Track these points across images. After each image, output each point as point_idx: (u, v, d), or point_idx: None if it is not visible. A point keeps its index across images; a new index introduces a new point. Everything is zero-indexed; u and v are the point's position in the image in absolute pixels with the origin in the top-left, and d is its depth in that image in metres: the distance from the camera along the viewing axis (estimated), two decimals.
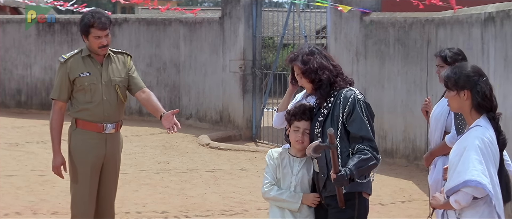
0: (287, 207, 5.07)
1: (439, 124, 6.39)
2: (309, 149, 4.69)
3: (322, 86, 4.91)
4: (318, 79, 4.90)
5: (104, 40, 6.20)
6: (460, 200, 4.26)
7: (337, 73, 4.95)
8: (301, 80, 5.01)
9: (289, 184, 5.10)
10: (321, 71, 4.90)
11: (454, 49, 6.59)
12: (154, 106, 6.36)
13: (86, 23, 6.18)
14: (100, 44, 6.21)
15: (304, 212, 5.07)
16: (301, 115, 5.05)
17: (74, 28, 17.58)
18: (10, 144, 13.35)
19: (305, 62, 4.93)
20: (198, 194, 9.90)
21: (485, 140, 4.26)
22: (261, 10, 15.37)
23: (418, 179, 10.83)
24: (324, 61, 4.95)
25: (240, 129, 15.18)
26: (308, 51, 4.98)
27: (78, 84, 6.25)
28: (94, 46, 6.23)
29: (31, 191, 9.72)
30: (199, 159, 12.52)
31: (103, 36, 6.18)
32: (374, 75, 12.39)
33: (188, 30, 16.37)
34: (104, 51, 6.28)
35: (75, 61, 6.30)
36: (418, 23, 11.67)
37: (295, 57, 5.00)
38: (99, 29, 6.16)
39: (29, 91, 18.24)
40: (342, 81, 4.94)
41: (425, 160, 6.57)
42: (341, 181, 4.56)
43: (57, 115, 6.32)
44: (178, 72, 16.53)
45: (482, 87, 4.35)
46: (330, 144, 4.50)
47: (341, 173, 4.54)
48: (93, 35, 6.17)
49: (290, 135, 5.11)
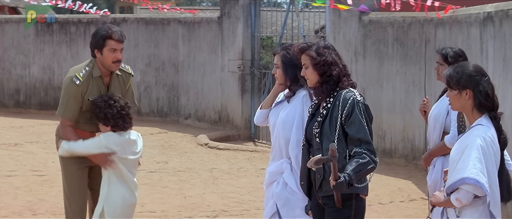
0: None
1: (437, 124, 6.39)
2: (311, 162, 4.70)
3: (329, 82, 4.93)
4: (328, 74, 4.92)
5: (119, 54, 6.10)
6: (461, 198, 4.26)
7: (344, 74, 4.98)
8: (306, 71, 5.00)
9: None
10: (333, 67, 4.93)
11: (456, 49, 6.59)
12: None
13: (102, 35, 6.08)
14: (115, 59, 6.09)
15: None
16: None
17: (73, 28, 17.58)
18: (9, 144, 13.34)
19: (321, 54, 4.95)
20: (197, 193, 9.90)
21: (486, 139, 4.27)
22: (260, 10, 15.38)
23: (416, 179, 10.84)
24: (336, 58, 4.99)
25: (238, 128, 15.18)
26: (324, 45, 5.02)
27: (83, 106, 6.19)
28: (108, 61, 6.10)
29: (30, 191, 9.72)
30: (197, 158, 12.52)
31: (118, 50, 6.09)
32: (373, 75, 12.39)
33: (187, 30, 16.36)
34: (117, 67, 6.17)
35: (88, 83, 6.16)
36: (417, 23, 11.67)
37: (308, 47, 5.01)
38: (116, 40, 6.07)
39: (27, 91, 18.22)
40: (347, 82, 4.96)
41: (424, 160, 6.56)
42: (340, 187, 4.58)
43: (70, 133, 6.22)
44: (177, 72, 16.53)
45: (484, 87, 4.36)
46: (332, 157, 4.52)
47: (340, 180, 4.56)
48: (109, 48, 6.05)
49: None
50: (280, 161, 5.62)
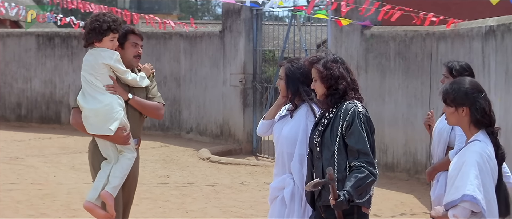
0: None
1: (442, 139, 6.37)
2: (309, 185, 4.72)
3: (335, 95, 4.96)
4: (335, 87, 4.96)
5: (140, 49, 6.24)
6: (458, 214, 4.24)
7: (352, 88, 5.03)
8: (315, 84, 5.05)
9: None
10: (340, 80, 4.97)
11: (463, 63, 6.57)
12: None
13: (125, 30, 6.18)
14: (136, 53, 6.20)
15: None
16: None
17: (75, 42, 17.59)
18: (10, 158, 13.32)
19: (328, 68, 4.98)
20: (199, 208, 9.87)
21: (483, 155, 4.25)
22: (262, 23, 15.38)
23: (419, 193, 10.81)
24: (344, 72, 5.02)
25: (240, 142, 15.16)
26: (333, 58, 5.06)
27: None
28: (129, 55, 6.18)
29: (31, 205, 9.70)
30: (199, 173, 12.49)
31: (139, 44, 6.23)
32: (375, 89, 12.38)
33: (189, 44, 16.37)
34: (138, 61, 6.27)
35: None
36: (419, 36, 11.67)
37: (317, 60, 5.04)
38: (137, 35, 6.23)
39: (29, 105, 18.23)
40: (353, 96, 4.99)
41: (428, 175, 6.54)
42: (341, 206, 4.59)
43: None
44: (179, 86, 16.53)
45: (481, 104, 4.33)
46: (329, 180, 4.52)
47: (340, 199, 4.56)
48: (131, 42, 6.18)
49: None
50: (283, 177, 5.59)
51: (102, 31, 5.99)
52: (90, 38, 6.05)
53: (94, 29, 6.00)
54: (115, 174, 6.01)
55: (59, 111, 17.83)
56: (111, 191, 5.95)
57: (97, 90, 6.00)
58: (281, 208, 5.56)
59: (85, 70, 6.06)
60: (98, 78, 6.01)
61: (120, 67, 6.06)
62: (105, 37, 6.01)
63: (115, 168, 6.02)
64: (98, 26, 5.99)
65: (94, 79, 6.02)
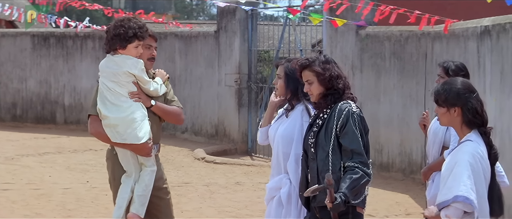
0: None
1: (437, 139, 6.38)
2: (308, 192, 4.72)
3: (334, 95, 4.97)
4: (335, 87, 4.96)
5: (154, 51, 5.97)
6: (451, 215, 4.24)
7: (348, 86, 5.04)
8: (311, 87, 5.02)
9: None
10: (339, 80, 4.98)
11: (458, 63, 6.57)
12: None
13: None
14: (150, 55, 5.92)
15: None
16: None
17: (70, 42, 17.58)
18: (6, 158, 13.30)
19: (325, 69, 4.98)
20: (194, 208, 9.86)
21: (475, 155, 4.25)
22: (257, 24, 15.39)
23: (414, 193, 10.81)
24: (339, 71, 5.03)
25: (235, 142, 15.16)
26: (326, 59, 5.04)
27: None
28: (143, 58, 5.85)
29: (27, 205, 9.68)
30: (194, 173, 12.49)
31: (153, 46, 5.96)
32: (370, 89, 12.39)
33: (184, 44, 16.36)
34: (152, 64, 6.00)
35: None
36: (414, 36, 11.68)
37: (309, 63, 5.02)
38: (151, 37, 5.92)
39: (24, 105, 18.21)
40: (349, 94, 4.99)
41: (423, 175, 6.54)
42: (338, 208, 4.60)
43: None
44: (174, 86, 16.31)
45: (473, 104, 4.33)
46: (328, 185, 4.53)
47: (336, 201, 4.57)
48: (145, 44, 5.83)
49: None
50: (279, 177, 5.58)
51: (127, 38, 5.68)
52: (114, 44, 5.72)
53: (119, 35, 5.68)
54: (139, 193, 5.73)
55: (54, 111, 17.80)
56: (137, 211, 5.70)
57: (120, 99, 5.74)
58: (278, 208, 5.56)
59: (105, 77, 5.75)
60: (122, 86, 5.74)
61: (144, 77, 5.80)
62: (130, 44, 5.70)
63: (138, 187, 5.75)
64: (123, 32, 5.67)
65: (118, 87, 5.72)
